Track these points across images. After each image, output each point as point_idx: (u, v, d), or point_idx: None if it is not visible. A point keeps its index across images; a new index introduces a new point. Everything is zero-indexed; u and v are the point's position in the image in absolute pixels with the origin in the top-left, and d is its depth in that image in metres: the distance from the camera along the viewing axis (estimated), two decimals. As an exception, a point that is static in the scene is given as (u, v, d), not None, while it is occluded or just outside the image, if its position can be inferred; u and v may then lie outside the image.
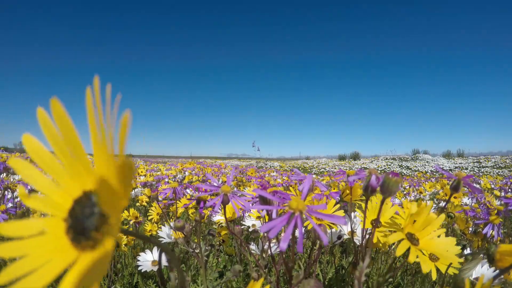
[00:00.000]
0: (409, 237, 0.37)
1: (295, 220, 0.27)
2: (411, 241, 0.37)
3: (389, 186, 0.37)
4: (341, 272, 1.04)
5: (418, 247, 0.36)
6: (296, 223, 0.27)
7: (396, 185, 0.37)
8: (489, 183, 2.91)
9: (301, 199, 0.30)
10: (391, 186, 0.36)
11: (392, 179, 0.36)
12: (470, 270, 0.51)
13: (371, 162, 14.69)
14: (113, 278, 1.28)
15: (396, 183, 0.36)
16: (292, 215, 0.28)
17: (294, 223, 0.27)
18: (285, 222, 0.27)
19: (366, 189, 0.40)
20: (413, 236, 0.37)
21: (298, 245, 0.26)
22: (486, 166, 12.08)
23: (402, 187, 3.63)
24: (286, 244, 0.25)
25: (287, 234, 0.25)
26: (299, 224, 0.27)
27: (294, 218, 0.27)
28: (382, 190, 0.37)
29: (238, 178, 2.83)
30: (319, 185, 0.49)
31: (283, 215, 0.28)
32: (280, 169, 10.45)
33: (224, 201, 0.48)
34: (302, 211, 0.28)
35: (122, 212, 1.15)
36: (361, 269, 0.32)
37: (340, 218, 0.27)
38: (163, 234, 0.95)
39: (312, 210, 0.29)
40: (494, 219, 0.83)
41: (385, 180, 0.37)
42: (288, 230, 0.26)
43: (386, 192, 0.37)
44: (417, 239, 0.37)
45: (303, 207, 0.28)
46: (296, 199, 0.29)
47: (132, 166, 0.16)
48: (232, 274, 0.63)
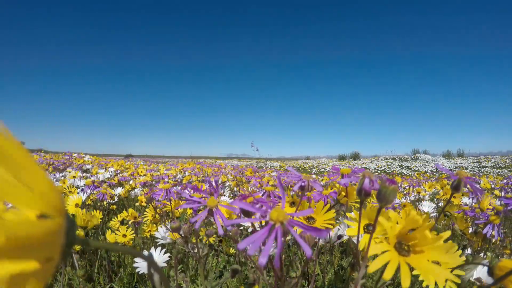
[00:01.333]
0: (397, 247, 0.34)
1: (275, 233, 0.26)
2: (400, 251, 0.34)
3: (385, 195, 0.35)
4: (340, 272, 1.04)
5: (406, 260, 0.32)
6: (276, 236, 0.26)
7: (394, 193, 0.35)
8: (489, 183, 2.90)
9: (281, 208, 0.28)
10: (388, 195, 0.35)
11: (389, 188, 0.35)
12: (471, 270, 0.50)
13: (371, 162, 14.68)
14: (113, 278, 1.28)
15: (394, 191, 0.35)
16: (272, 227, 0.27)
17: (274, 236, 0.26)
18: (265, 235, 0.26)
19: (360, 193, 0.38)
20: (403, 246, 0.34)
21: (275, 261, 0.24)
22: (486, 166, 12.07)
23: (402, 187, 3.63)
24: (266, 259, 0.24)
25: (266, 248, 0.24)
26: (278, 237, 0.26)
27: (274, 230, 0.26)
28: (378, 199, 0.35)
29: (238, 178, 2.82)
30: (315, 185, 0.48)
31: (264, 228, 0.27)
32: (280, 169, 10.45)
33: (210, 215, 0.46)
34: (283, 222, 0.27)
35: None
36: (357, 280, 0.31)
37: (321, 232, 0.26)
38: (159, 235, 0.95)
39: (293, 221, 0.27)
40: (494, 219, 0.83)
41: (381, 189, 0.35)
42: (267, 245, 0.25)
43: (383, 200, 0.35)
44: (407, 249, 0.34)
45: (284, 218, 0.27)
46: (276, 209, 0.27)
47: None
48: (231, 274, 0.63)
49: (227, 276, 0.64)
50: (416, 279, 0.98)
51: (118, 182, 2.64)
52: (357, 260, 0.42)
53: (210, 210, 0.46)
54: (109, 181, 2.65)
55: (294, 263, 0.66)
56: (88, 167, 3.88)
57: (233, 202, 0.31)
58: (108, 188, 1.87)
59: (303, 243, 0.25)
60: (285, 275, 0.45)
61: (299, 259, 0.98)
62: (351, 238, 0.64)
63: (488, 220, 0.84)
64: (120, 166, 4.05)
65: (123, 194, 1.92)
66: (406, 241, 0.34)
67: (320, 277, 1.05)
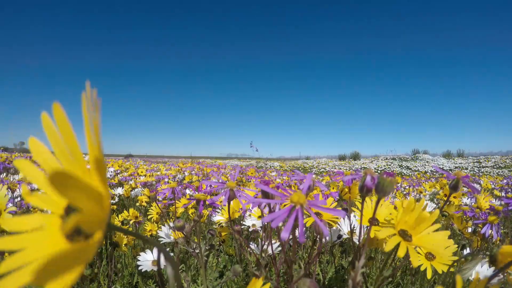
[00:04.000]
0: (401, 234, 0.38)
1: (296, 213, 0.28)
2: (404, 237, 0.37)
3: (383, 187, 0.37)
4: (341, 272, 1.04)
5: (411, 243, 0.36)
6: (297, 216, 0.28)
7: (391, 185, 0.37)
8: (489, 183, 2.91)
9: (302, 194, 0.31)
10: (385, 186, 0.37)
11: (386, 180, 0.37)
12: (470, 270, 0.51)
13: (371, 162, 14.68)
14: (113, 278, 1.28)
15: (391, 183, 0.37)
16: (293, 208, 0.29)
17: (295, 215, 0.28)
18: (286, 214, 0.28)
19: (362, 189, 0.41)
20: (406, 233, 0.38)
21: (300, 236, 0.27)
22: (486, 166, 12.08)
23: (402, 187, 3.63)
24: (288, 234, 0.26)
25: (288, 224, 0.26)
26: (300, 216, 0.28)
27: (295, 211, 0.28)
28: (377, 190, 0.38)
29: (238, 178, 2.83)
30: (319, 185, 0.49)
31: (285, 208, 0.29)
32: (280, 169, 10.45)
33: (230, 197, 0.48)
34: (303, 205, 0.29)
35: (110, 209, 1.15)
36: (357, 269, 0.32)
37: (340, 211, 0.28)
38: (163, 234, 0.95)
39: (312, 204, 0.30)
40: (493, 219, 0.83)
41: (379, 181, 0.38)
42: (289, 221, 0.27)
43: (381, 192, 0.38)
44: (410, 235, 0.38)
45: (304, 201, 0.29)
46: (297, 193, 0.30)
47: (103, 162, 0.18)
48: (232, 274, 0.63)
49: (228, 275, 0.65)
50: (416, 280, 0.98)
51: (118, 182, 2.64)
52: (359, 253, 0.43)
53: (231, 190, 0.48)
54: (109, 181, 2.65)
55: (296, 262, 0.66)
56: (88, 167, 3.88)
57: (257, 185, 0.34)
58: (108, 188, 1.87)
59: (321, 224, 0.27)
60: (287, 275, 0.46)
61: (300, 258, 0.99)
62: (352, 237, 0.64)
63: (487, 220, 0.85)
64: (120, 166, 4.05)
65: (125, 194, 1.93)
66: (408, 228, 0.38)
67: (320, 277, 1.05)
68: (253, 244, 0.89)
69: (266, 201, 0.34)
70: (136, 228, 1.40)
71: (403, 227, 0.38)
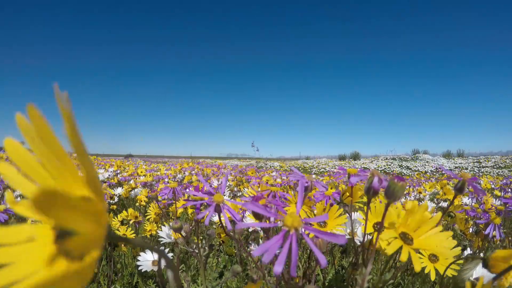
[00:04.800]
0: (402, 237, 0.37)
1: (290, 239, 0.25)
2: (405, 240, 0.37)
3: (394, 191, 0.36)
4: (341, 273, 1.04)
5: (412, 246, 0.36)
6: (291, 243, 0.25)
7: (402, 190, 0.36)
8: (489, 183, 2.91)
9: (296, 213, 0.28)
10: (396, 191, 0.36)
11: (398, 184, 0.36)
12: (471, 270, 0.50)
13: (371, 162, 14.68)
14: (113, 278, 1.28)
15: (402, 188, 0.36)
16: (287, 233, 0.26)
17: (289, 243, 0.25)
18: (280, 242, 0.25)
19: (368, 191, 0.39)
20: (407, 236, 0.37)
21: (292, 268, 0.24)
22: (486, 166, 12.07)
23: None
24: (281, 268, 0.24)
25: (282, 256, 0.24)
26: (293, 244, 0.25)
27: (289, 237, 0.25)
28: (386, 195, 0.37)
29: (238, 178, 2.82)
30: (318, 185, 0.48)
31: (278, 234, 0.26)
32: (280, 169, 10.45)
33: (217, 211, 0.45)
34: (298, 228, 0.26)
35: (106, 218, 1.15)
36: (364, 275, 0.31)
37: (340, 237, 0.25)
38: (163, 234, 0.95)
39: (309, 227, 0.27)
40: (494, 218, 0.83)
41: (390, 185, 0.36)
42: (282, 253, 0.24)
43: (391, 197, 0.36)
44: (411, 238, 0.37)
45: (299, 224, 0.26)
46: (291, 215, 0.27)
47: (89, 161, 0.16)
48: (232, 274, 0.63)
49: (227, 276, 0.64)
50: (417, 280, 0.98)
51: (118, 182, 2.64)
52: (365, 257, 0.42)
53: (217, 205, 0.45)
54: (109, 181, 2.65)
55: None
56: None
57: (245, 205, 0.29)
58: (108, 188, 1.87)
59: (317, 252, 0.24)
60: (287, 275, 0.45)
61: (300, 258, 0.99)
62: (353, 238, 0.64)
63: (489, 220, 0.84)
64: (120, 167, 4.05)
65: (124, 194, 1.92)
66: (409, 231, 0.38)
67: (320, 277, 1.05)
68: (253, 245, 0.88)
69: (257, 225, 0.31)
70: (136, 228, 1.39)
71: (404, 229, 0.38)
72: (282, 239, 0.25)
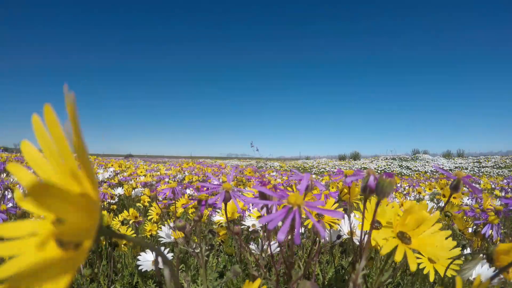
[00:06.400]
0: (400, 236, 0.37)
1: (293, 214, 0.28)
2: (402, 239, 0.37)
3: (383, 188, 0.36)
4: (341, 272, 1.04)
5: (410, 246, 0.36)
6: (294, 217, 0.28)
7: (390, 186, 0.36)
8: (489, 183, 2.91)
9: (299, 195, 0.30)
10: (385, 187, 0.36)
11: (386, 180, 0.36)
12: (470, 270, 0.51)
13: (371, 162, 14.68)
14: (113, 278, 1.28)
15: (390, 184, 0.36)
16: (290, 210, 0.28)
17: (292, 216, 0.28)
18: (283, 215, 0.28)
19: (364, 190, 0.40)
20: (405, 235, 0.37)
21: (296, 237, 0.26)
22: (486, 166, 12.07)
23: (402, 187, 3.63)
24: (284, 235, 0.26)
25: (285, 226, 0.26)
26: (297, 218, 0.28)
27: (292, 212, 0.28)
28: (376, 192, 0.37)
29: (238, 178, 2.83)
30: (318, 185, 0.49)
31: (281, 209, 0.29)
32: (280, 169, 10.45)
33: (226, 198, 0.48)
34: (300, 206, 0.29)
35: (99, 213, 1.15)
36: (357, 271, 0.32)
37: (338, 213, 0.28)
38: (163, 234, 0.95)
39: (310, 205, 0.30)
40: (493, 219, 0.83)
41: (379, 182, 0.37)
42: (286, 223, 0.27)
43: (380, 193, 0.37)
44: (408, 237, 0.37)
45: (301, 202, 0.29)
46: (294, 194, 0.29)
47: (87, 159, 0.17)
48: (232, 274, 0.63)
49: (228, 276, 0.65)
50: (416, 280, 0.98)
51: (118, 182, 2.64)
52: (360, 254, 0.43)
53: (227, 192, 0.48)
54: (109, 181, 2.65)
55: (295, 262, 0.66)
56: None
57: (254, 187, 0.33)
58: (109, 188, 1.88)
59: (318, 226, 0.27)
60: (287, 275, 0.46)
61: (300, 258, 0.99)
62: (352, 237, 0.64)
63: (487, 220, 0.85)
64: (119, 167, 4.05)
65: (126, 193, 1.93)
66: (407, 230, 0.38)
67: (320, 277, 1.05)
68: (253, 244, 0.89)
69: (263, 202, 0.33)
70: (136, 228, 1.40)
71: (402, 229, 0.38)
72: (285, 213, 0.28)
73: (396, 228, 0.37)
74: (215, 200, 0.46)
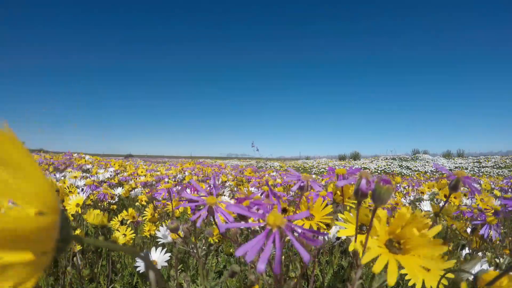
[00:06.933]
0: (388, 244, 0.34)
1: (273, 237, 0.26)
2: (390, 248, 0.34)
3: (380, 195, 0.35)
4: (340, 272, 1.04)
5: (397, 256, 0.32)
6: (274, 240, 0.26)
7: (388, 193, 0.35)
8: (489, 183, 2.91)
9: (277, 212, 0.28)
10: (382, 194, 0.35)
11: (383, 188, 0.35)
12: (469, 270, 0.51)
13: (371, 162, 14.68)
14: (113, 278, 1.28)
15: (388, 191, 0.35)
16: (270, 232, 0.26)
17: (271, 241, 0.26)
18: (263, 241, 0.26)
19: (357, 193, 0.38)
20: (393, 244, 0.34)
21: (276, 266, 0.24)
22: (486, 166, 12.07)
23: (401, 187, 3.63)
24: (264, 266, 0.24)
25: (264, 255, 0.24)
26: (277, 242, 0.25)
27: (272, 235, 0.26)
28: (373, 199, 0.36)
29: (238, 178, 2.82)
30: (314, 185, 0.48)
31: (260, 234, 0.26)
32: (280, 169, 10.44)
33: (210, 213, 0.46)
34: (280, 226, 0.26)
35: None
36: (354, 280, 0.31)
37: (316, 241, 0.26)
38: (160, 234, 0.95)
39: (290, 227, 0.27)
40: (491, 220, 0.83)
41: (376, 189, 0.35)
42: (265, 251, 0.24)
43: (378, 201, 0.35)
44: (398, 247, 0.34)
45: (281, 222, 0.27)
46: (273, 213, 0.27)
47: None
48: (230, 274, 0.63)
49: (226, 276, 0.65)
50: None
51: (118, 182, 2.64)
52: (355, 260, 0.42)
53: (210, 208, 0.46)
54: (109, 181, 2.65)
55: (294, 263, 0.66)
56: (88, 167, 3.88)
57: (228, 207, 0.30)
58: (109, 188, 1.88)
59: (300, 248, 0.25)
60: (285, 275, 0.46)
61: (299, 259, 0.99)
62: (349, 238, 0.64)
63: (485, 221, 0.85)
64: (120, 166, 4.05)
65: (124, 194, 1.93)
66: (398, 239, 0.35)
67: (319, 277, 1.05)
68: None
69: (242, 226, 0.31)
70: (135, 228, 1.40)
71: (392, 236, 0.35)
72: (264, 237, 0.26)
73: (384, 236, 0.35)
74: (195, 219, 0.44)
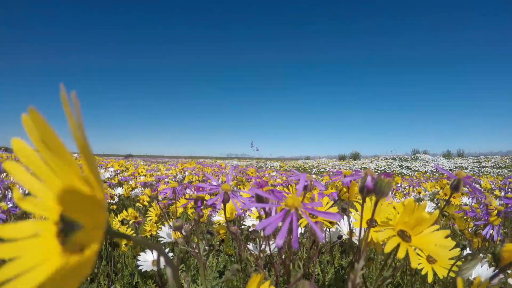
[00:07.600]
0: (400, 234, 0.38)
1: (291, 217, 0.28)
2: (403, 237, 0.37)
3: (381, 187, 0.37)
4: (341, 272, 1.04)
5: (410, 244, 0.36)
6: (291, 220, 0.28)
7: (389, 186, 0.37)
8: (489, 183, 2.91)
9: (296, 196, 0.30)
10: (383, 187, 0.37)
11: (384, 180, 0.37)
12: (470, 270, 0.51)
13: (371, 162, 14.68)
14: (113, 278, 1.28)
15: (389, 184, 0.37)
16: (287, 212, 0.28)
17: (289, 219, 0.28)
18: (281, 219, 0.27)
19: (362, 190, 0.40)
20: (405, 233, 0.38)
21: (293, 242, 0.26)
22: (486, 166, 12.07)
23: (402, 187, 3.63)
24: (282, 240, 0.26)
25: (283, 230, 0.26)
26: (294, 221, 0.28)
27: (290, 215, 0.28)
28: (374, 192, 0.38)
29: (238, 178, 2.83)
30: (318, 185, 0.49)
31: (279, 213, 0.28)
32: (280, 169, 10.45)
33: (225, 200, 0.48)
34: (298, 208, 0.29)
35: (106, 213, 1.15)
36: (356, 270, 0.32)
37: (335, 215, 0.28)
38: (163, 234, 0.95)
39: (307, 207, 0.29)
40: (494, 220, 0.83)
41: (377, 182, 0.38)
42: (284, 227, 0.26)
43: (379, 193, 0.38)
44: (409, 236, 0.38)
45: (299, 204, 0.29)
46: (291, 196, 0.29)
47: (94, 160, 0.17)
48: (231, 274, 0.63)
49: (227, 275, 0.65)
50: (416, 280, 0.98)
51: (118, 182, 2.64)
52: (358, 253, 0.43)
53: (226, 193, 0.48)
54: (109, 181, 2.65)
55: (295, 262, 0.66)
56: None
57: (251, 189, 0.33)
58: (109, 188, 1.88)
59: (316, 228, 0.27)
60: (287, 275, 0.46)
61: (299, 258, 0.99)
62: (351, 237, 0.64)
63: (488, 221, 0.85)
64: (120, 166, 4.05)
65: (125, 194, 1.93)
66: (407, 229, 0.38)
67: (320, 277, 1.05)
68: (251, 244, 0.89)
69: (260, 206, 0.33)
70: (136, 228, 1.40)
71: (402, 227, 0.38)
72: (282, 217, 0.28)
73: (396, 227, 0.38)
74: (214, 201, 0.46)
